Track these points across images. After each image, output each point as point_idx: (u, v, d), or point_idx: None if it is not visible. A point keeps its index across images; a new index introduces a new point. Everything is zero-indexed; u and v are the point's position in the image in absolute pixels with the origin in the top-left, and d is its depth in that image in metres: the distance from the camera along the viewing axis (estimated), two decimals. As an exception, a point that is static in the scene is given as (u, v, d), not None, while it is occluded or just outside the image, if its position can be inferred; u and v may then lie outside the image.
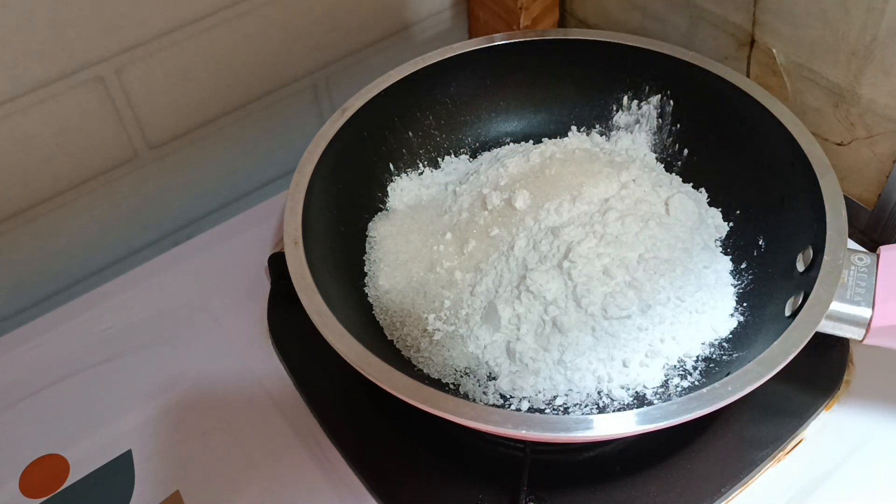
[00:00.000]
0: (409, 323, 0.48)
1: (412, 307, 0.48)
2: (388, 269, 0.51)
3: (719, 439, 0.44)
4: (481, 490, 0.43)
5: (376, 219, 0.54)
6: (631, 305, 0.44)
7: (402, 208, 0.55)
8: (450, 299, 0.48)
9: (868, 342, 0.40)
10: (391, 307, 0.49)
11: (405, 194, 0.56)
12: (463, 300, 0.48)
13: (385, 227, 0.53)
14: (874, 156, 0.53)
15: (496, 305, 0.46)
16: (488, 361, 0.45)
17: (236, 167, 0.67)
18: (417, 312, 0.48)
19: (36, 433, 0.48)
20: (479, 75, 0.57)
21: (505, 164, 0.53)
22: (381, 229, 0.53)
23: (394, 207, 0.55)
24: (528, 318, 0.45)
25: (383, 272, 0.50)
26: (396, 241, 0.52)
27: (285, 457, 0.46)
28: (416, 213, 0.54)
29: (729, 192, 0.52)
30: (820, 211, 0.43)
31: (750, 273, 0.48)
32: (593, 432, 0.35)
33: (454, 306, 0.48)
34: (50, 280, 0.62)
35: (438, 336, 0.47)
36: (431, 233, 0.52)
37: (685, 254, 0.48)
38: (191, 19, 0.57)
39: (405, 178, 0.56)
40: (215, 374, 0.51)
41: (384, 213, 0.55)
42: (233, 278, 0.56)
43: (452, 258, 0.50)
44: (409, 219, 0.54)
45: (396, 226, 0.53)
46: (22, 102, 0.52)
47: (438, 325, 0.47)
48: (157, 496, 0.45)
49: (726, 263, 0.49)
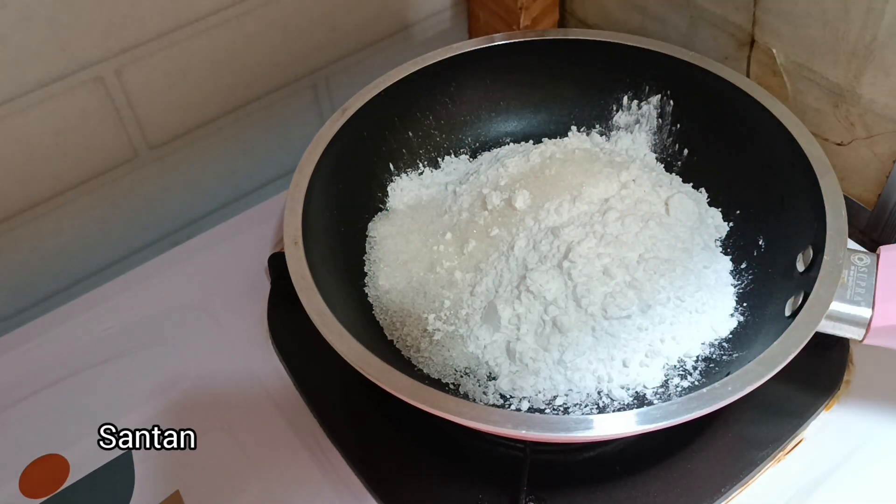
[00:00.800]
0: (409, 323, 0.48)
1: (412, 307, 0.48)
2: (388, 269, 0.51)
3: (719, 439, 0.44)
4: (481, 490, 0.43)
5: (376, 219, 0.54)
6: (631, 305, 0.44)
7: (402, 208, 0.55)
8: (450, 299, 0.48)
9: (868, 342, 0.40)
10: (391, 307, 0.49)
11: (405, 194, 0.56)
12: (463, 300, 0.48)
13: (385, 227, 0.53)
14: (874, 156, 0.53)
15: (496, 305, 0.46)
16: (488, 361, 0.45)
17: (236, 167, 0.67)
18: (417, 312, 0.48)
19: (36, 433, 0.48)
20: (479, 75, 0.57)
21: (505, 164, 0.53)
22: (381, 229, 0.53)
23: (394, 207, 0.55)
24: (528, 318, 0.45)
25: (383, 272, 0.50)
26: (396, 242, 0.52)
27: (285, 457, 0.46)
28: (416, 214, 0.54)
29: (729, 192, 0.52)
30: (820, 211, 0.43)
31: (750, 273, 0.48)
32: (593, 432, 0.35)
33: (454, 306, 0.48)
34: (50, 280, 0.62)
35: (438, 336, 0.47)
36: (431, 233, 0.52)
37: (685, 254, 0.48)
38: (191, 19, 0.57)
39: (405, 178, 0.56)
40: (215, 374, 0.50)
41: (384, 213, 0.55)
42: (233, 278, 0.56)
43: (452, 258, 0.50)
44: (408, 219, 0.54)
45: (396, 226, 0.53)
46: (22, 102, 0.52)
47: (438, 325, 0.47)
48: (157, 496, 0.45)
49: (726, 263, 0.49)
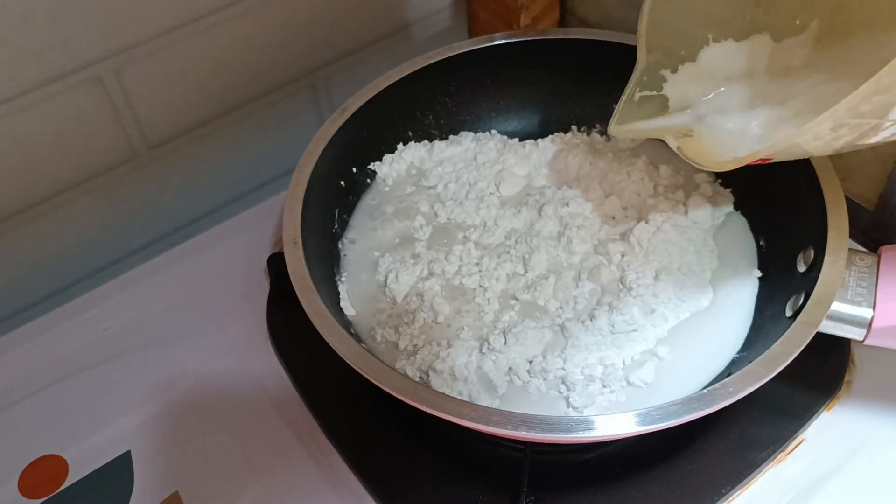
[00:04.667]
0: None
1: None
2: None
3: (720, 440, 0.44)
4: (481, 490, 0.43)
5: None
6: (636, 311, 0.44)
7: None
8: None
9: (869, 343, 0.40)
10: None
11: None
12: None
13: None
14: (875, 155, 0.53)
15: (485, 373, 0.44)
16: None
17: (235, 167, 0.67)
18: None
19: (35, 434, 0.48)
20: (479, 75, 0.57)
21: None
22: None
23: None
24: (527, 333, 0.45)
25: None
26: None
27: (284, 457, 0.46)
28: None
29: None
30: (821, 211, 0.42)
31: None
32: (594, 433, 0.35)
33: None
34: (50, 280, 0.62)
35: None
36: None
37: (696, 256, 0.47)
38: (190, 19, 0.57)
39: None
40: (215, 374, 0.50)
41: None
42: (232, 278, 0.56)
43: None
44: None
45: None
46: (20, 102, 0.52)
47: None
48: (157, 497, 0.45)
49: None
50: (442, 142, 0.57)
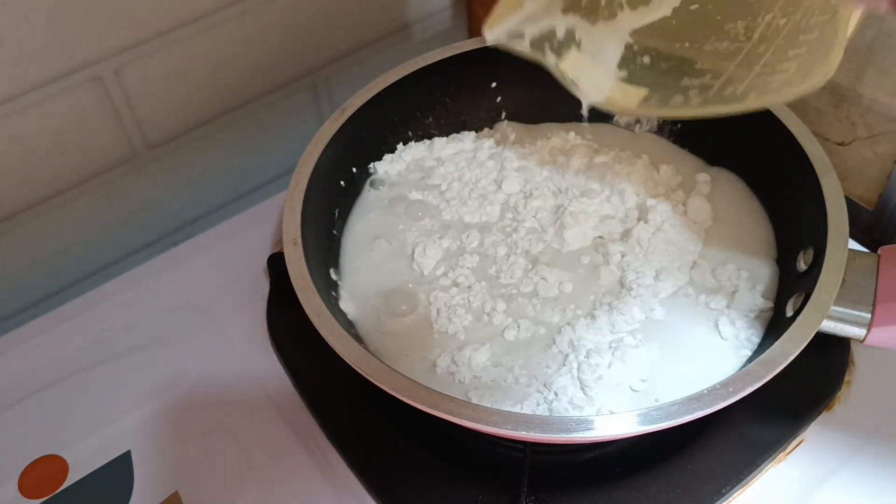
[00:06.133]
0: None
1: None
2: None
3: (720, 440, 0.44)
4: (481, 490, 0.43)
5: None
6: (636, 311, 0.44)
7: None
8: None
9: (869, 342, 0.40)
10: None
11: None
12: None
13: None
14: (875, 156, 0.53)
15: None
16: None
17: (235, 167, 0.67)
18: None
19: (35, 434, 0.48)
20: (479, 75, 0.57)
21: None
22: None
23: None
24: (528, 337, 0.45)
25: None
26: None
27: (284, 457, 0.46)
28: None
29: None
30: (821, 211, 0.42)
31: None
32: (594, 433, 0.35)
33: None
34: (49, 280, 0.62)
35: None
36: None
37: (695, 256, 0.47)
38: (190, 19, 0.57)
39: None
40: (215, 374, 0.50)
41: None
42: (232, 278, 0.56)
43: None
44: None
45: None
46: (20, 102, 0.52)
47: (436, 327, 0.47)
48: (157, 497, 0.45)
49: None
50: (442, 139, 0.57)
